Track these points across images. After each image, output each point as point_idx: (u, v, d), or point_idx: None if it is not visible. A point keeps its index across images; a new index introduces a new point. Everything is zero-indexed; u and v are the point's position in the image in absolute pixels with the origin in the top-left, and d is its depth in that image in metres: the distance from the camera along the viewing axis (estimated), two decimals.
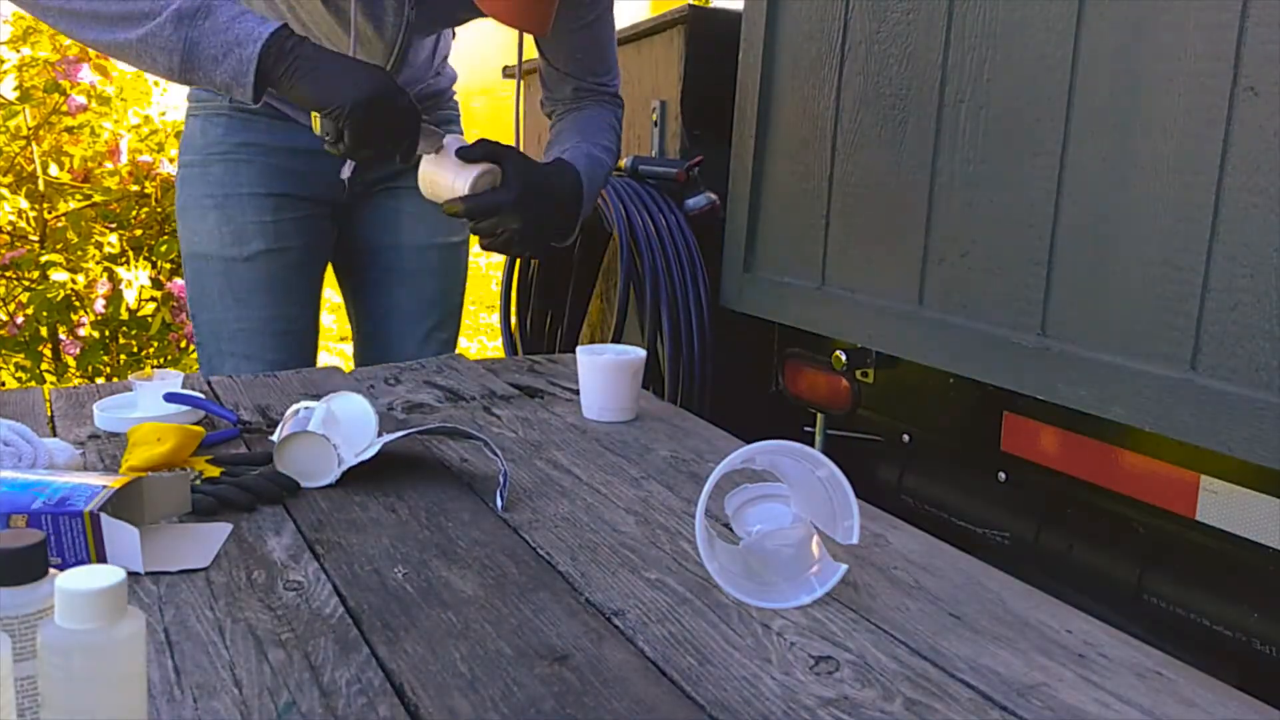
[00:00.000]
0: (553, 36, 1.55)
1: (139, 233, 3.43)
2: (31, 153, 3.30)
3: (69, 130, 3.35)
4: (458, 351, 1.86)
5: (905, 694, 0.74)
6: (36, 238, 3.32)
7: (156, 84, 3.55)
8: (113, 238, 3.33)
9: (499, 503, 1.07)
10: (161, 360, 3.45)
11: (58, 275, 3.06)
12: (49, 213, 3.35)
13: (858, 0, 2.01)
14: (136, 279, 3.21)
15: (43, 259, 3.12)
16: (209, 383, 1.51)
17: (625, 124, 2.86)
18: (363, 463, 1.12)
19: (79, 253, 3.25)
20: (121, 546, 0.87)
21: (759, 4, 2.24)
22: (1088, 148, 1.58)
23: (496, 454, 1.17)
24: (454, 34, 1.79)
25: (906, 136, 1.90)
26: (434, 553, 0.96)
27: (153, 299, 3.30)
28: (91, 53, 3.26)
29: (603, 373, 1.40)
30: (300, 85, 1.26)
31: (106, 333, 3.40)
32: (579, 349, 1.41)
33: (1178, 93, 1.45)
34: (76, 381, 3.35)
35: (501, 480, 1.11)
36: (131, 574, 0.84)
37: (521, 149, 1.43)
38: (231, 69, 1.25)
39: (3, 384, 3.41)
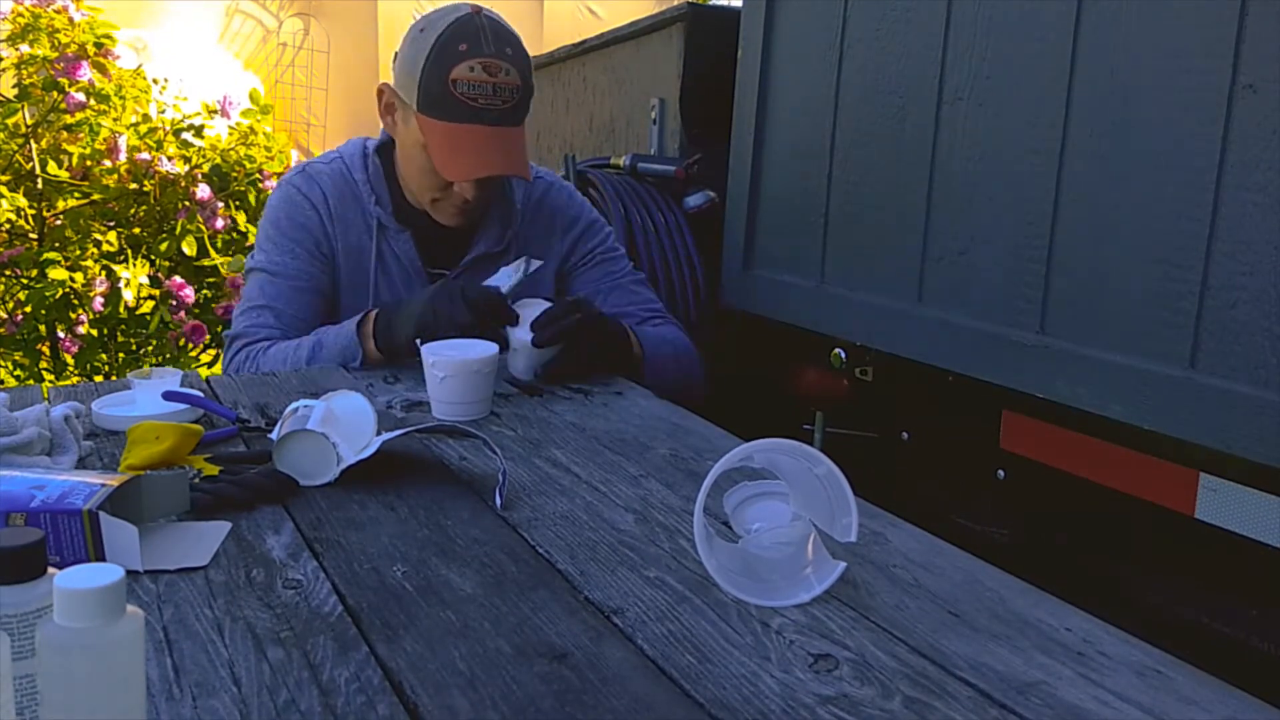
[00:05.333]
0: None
1: (137, 231, 3.42)
2: (30, 150, 3.30)
3: (68, 128, 3.34)
4: None
5: (904, 692, 0.74)
6: (35, 236, 3.32)
7: (155, 81, 3.54)
8: (111, 236, 3.32)
9: (498, 501, 1.07)
10: (160, 359, 3.45)
11: (56, 274, 3.06)
12: (47, 211, 3.34)
13: None
14: (135, 277, 3.20)
15: (41, 257, 3.11)
16: (208, 381, 1.51)
17: (624, 122, 2.86)
18: (362, 461, 1.11)
19: (77, 251, 3.25)
20: (120, 545, 0.87)
21: (758, 1, 2.24)
22: (1086, 146, 1.58)
23: (496, 452, 1.17)
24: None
25: (905, 134, 1.90)
26: (433, 551, 0.96)
27: (151, 297, 3.29)
28: (90, 50, 3.26)
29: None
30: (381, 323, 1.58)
31: (105, 331, 3.40)
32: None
33: (1177, 90, 1.45)
34: (75, 380, 3.35)
35: (501, 478, 1.11)
36: (130, 572, 0.84)
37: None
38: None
39: (1, 382, 3.41)
